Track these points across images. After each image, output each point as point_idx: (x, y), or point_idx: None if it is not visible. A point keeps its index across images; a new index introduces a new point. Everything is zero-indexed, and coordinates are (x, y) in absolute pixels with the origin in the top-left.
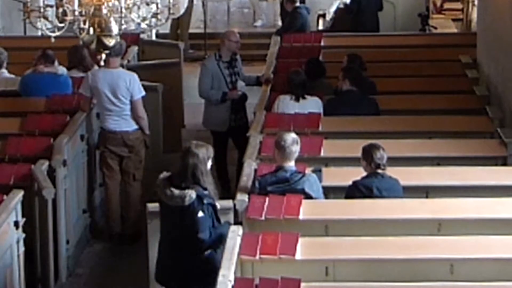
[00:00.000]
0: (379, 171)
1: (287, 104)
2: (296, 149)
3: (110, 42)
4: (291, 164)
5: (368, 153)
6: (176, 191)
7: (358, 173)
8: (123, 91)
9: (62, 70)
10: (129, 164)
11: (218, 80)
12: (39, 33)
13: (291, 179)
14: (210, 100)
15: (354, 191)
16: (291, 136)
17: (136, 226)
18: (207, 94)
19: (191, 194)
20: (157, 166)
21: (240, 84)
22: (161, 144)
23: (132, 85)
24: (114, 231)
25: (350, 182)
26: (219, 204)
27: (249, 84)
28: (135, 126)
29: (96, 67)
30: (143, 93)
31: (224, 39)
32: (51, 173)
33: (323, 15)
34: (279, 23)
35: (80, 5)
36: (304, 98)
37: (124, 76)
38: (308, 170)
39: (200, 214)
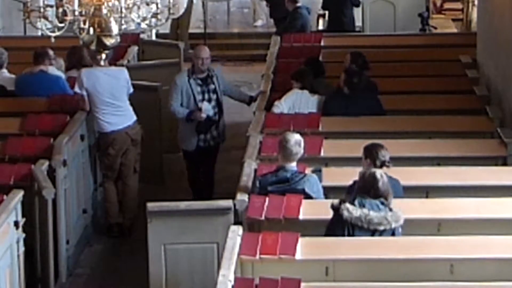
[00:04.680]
0: (384, 169)
1: (304, 96)
2: (298, 150)
3: (110, 42)
4: (292, 165)
5: (372, 151)
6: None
7: (358, 173)
8: (122, 89)
9: (52, 69)
10: (129, 157)
11: (187, 97)
12: (39, 33)
13: (291, 179)
14: (177, 117)
15: None
16: (295, 137)
17: (134, 218)
18: (173, 110)
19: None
20: (157, 166)
21: (205, 106)
22: (161, 144)
23: (128, 82)
24: (113, 222)
25: (350, 182)
26: None
27: (240, 100)
28: (134, 118)
29: (94, 66)
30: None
31: (193, 55)
32: (51, 173)
33: (323, 15)
34: None
35: (80, 5)
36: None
37: (120, 75)
38: (308, 170)
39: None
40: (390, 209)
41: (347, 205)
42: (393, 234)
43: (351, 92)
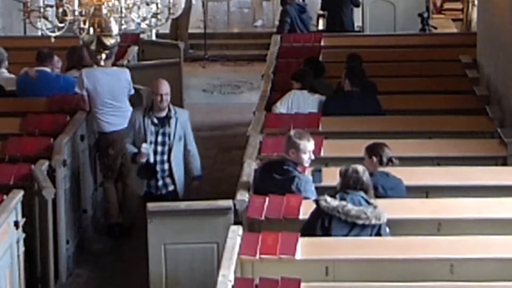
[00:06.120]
0: (384, 169)
1: (302, 96)
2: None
3: (110, 42)
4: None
5: (377, 150)
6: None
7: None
8: (122, 91)
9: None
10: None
11: (139, 135)
12: (39, 33)
13: (284, 173)
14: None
15: None
16: (299, 131)
17: (134, 218)
18: (125, 147)
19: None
20: None
21: (144, 149)
22: None
23: (129, 83)
24: (113, 222)
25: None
26: None
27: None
28: None
29: (95, 67)
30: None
31: (152, 90)
32: (51, 173)
33: (323, 15)
34: None
35: (80, 5)
36: (316, 92)
37: (122, 75)
38: (308, 170)
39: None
40: (375, 207)
41: (326, 196)
42: (378, 234)
43: (354, 84)
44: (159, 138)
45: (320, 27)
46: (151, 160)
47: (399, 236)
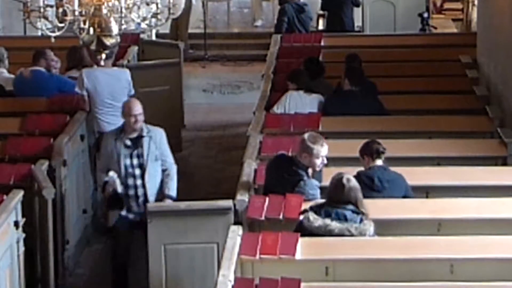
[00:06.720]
0: (380, 162)
1: (298, 97)
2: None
3: (110, 42)
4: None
5: (366, 148)
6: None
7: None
8: (122, 91)
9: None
10: None
11: (113, 160)
12: (39, 33)
13: (293, 174)
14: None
15: (358, 181)
16: (313, 135)
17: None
18: (97, 175)
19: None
20: None
21: (110, 178)
22: None
23: (130, 84)
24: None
25: None
26: None
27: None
28: None
29: (95, 67)
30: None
31: (124, 112)
32: (51, 173)
33: (323, 15)
34: None
35: (80, 5)
36: (312, 92)
37: (122, 76)
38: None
39: None
40: (361, 219)
41: (309, 213)
42: None
43: (353, 83)
44: (135, 161)
45: (320, 27)
46: (119, 190)
47: (399, 236)
